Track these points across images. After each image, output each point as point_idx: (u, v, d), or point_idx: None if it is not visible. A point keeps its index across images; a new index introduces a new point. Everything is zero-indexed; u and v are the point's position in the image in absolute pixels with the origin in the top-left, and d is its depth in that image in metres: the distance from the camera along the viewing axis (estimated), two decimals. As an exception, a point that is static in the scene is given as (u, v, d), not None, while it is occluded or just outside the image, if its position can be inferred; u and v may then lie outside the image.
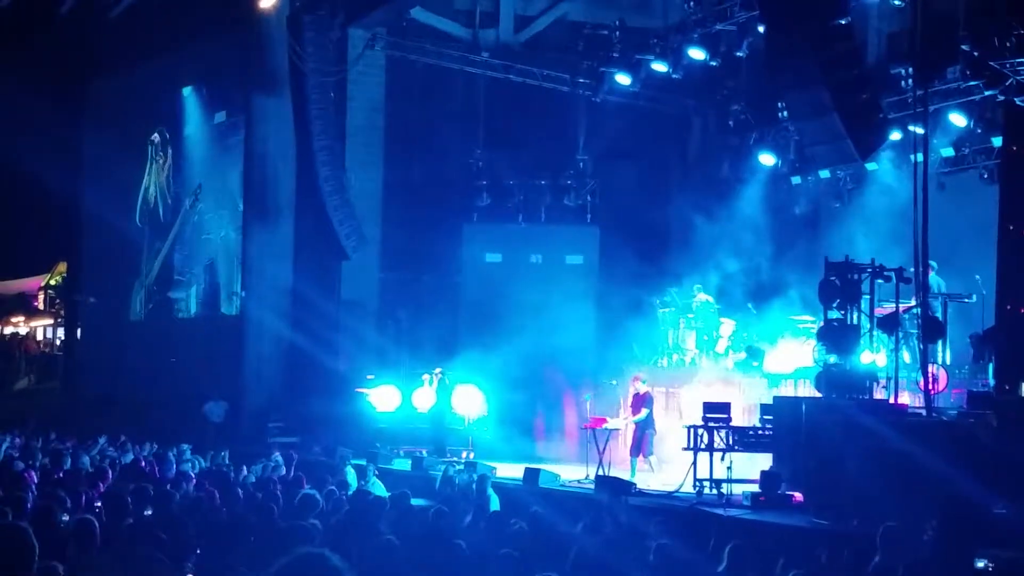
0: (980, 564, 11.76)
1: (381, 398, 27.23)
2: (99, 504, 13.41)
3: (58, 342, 46.96)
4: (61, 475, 17.24)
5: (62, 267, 45.34)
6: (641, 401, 21.77)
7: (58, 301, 47.44)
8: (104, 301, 37.93)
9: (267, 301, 29.80)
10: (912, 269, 17.46)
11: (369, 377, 27.72)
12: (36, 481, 15.73)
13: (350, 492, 16.61)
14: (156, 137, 36.49)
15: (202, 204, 34.90)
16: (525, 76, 30.35)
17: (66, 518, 11.50)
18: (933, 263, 20.08)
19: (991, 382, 17.39)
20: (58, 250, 44.33)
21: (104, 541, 9.36)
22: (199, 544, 10.65)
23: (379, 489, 18.40)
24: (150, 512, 12.14)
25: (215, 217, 34.56)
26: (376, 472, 20.33)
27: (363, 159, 29.86)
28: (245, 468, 20.12)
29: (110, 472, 17.00)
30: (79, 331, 40.75)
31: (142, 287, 37.13)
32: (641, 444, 21.41)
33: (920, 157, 17.27)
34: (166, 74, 35.13)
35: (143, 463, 19.60)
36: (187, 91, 35.48)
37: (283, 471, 20.08)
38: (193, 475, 17.63)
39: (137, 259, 37.20)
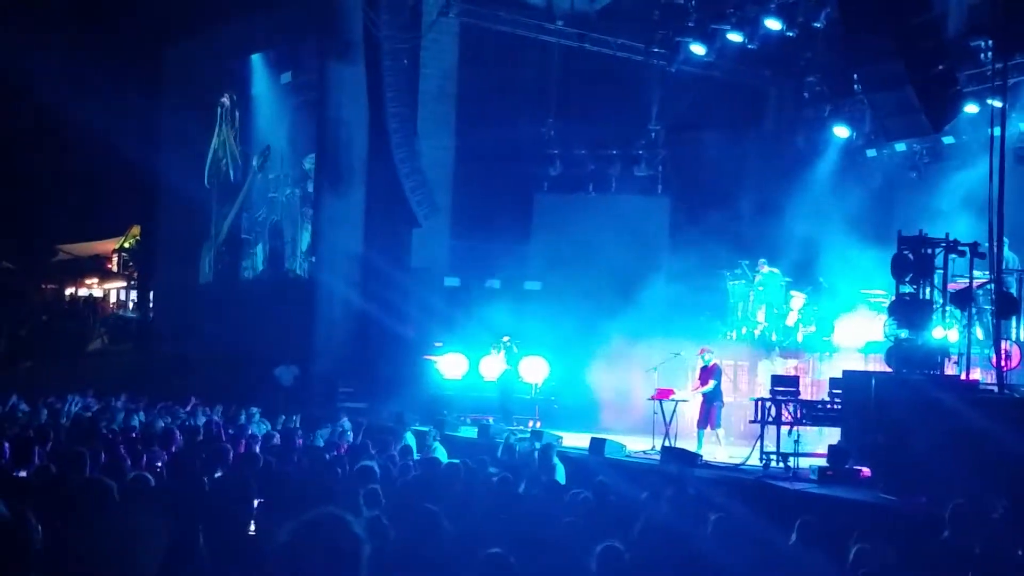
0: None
1: (449, 365, 27.37)
2: (160, 465, 13.63)
3: (131, 304, 47.53)
4: (134, 435, 17.49)
5: (135, 230, 45.83)
6: (709, 373, 21.67)
7: (131, 264, 47.97)
8: (176, 264, 38.32)
9: (338, 267, 29.90)
10: (986, 244, 17.23)
11: (437, 344, 27.86)
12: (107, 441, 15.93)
13: (413, 458, 16.68)
14: (226, 100, 36.72)
15: (268, 163, 35.11)
16: (599, 45, 30.17)
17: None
18: (1005, 238, 19.82)
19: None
20: (132, 214, 44.82)
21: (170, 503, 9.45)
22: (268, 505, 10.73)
23: (442, 455, 18.50)
24: (219, 475, 12.28)
25: (280, 177, 34.71)
26: (438, 438, 20.40)
27: (435, 127, 29.87)
28: (313, 433, 20.30)
29: (178, 434, 17.19)
30: (151, 293, 41.25)
31: (211, 249, 37.47)
32: (709, 416, 21.33)
33: (998, 131, 17.02)
34: (239, 40, 35.30)
35: (213, 426, 19.83)
36: (256, 57, 35.72)
37: (351, 436, 20.24)
38: (260, 437, 17.82)
39: (207, 222, 37.54)
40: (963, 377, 17.27)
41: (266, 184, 35.31)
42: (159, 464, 13.73)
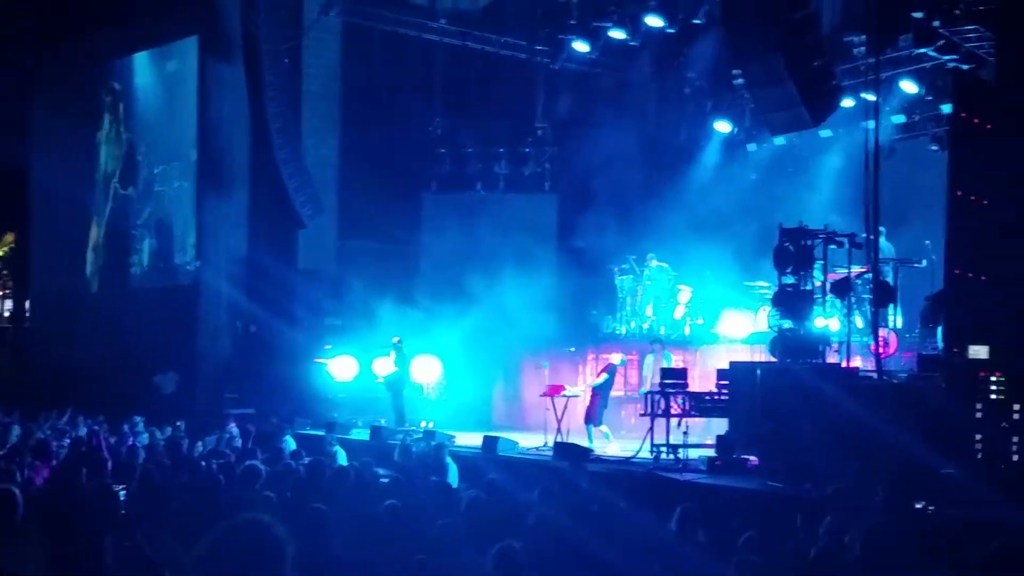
0: (919, 505, 11.98)
1: (339, 368, 27.24)
2: (45, 478, 13.41)
3: (6, 313, 46.36)
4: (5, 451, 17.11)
5: (9, 238, 44.75)
6: (606, 370, 21.92)
7: (4, 272, 46.77)
8: (56, 269, 37.52)
9: (222, 270, 29.56)
10: (864, 235, 17.62)
11: (327, 347, 27.73)
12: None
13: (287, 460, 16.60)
14: (109, 97, 36.09)
15: (154, 156, 34.51)
16: (483, 43, 30.19)
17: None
18: (882, 228, 20.26)
19: (940, 345, 17.60)
20: (3, 221, 43.72)
21: (53, 514, 9.33)
22: (147, 516, 10.63)
23: (343, 459, 18.46)
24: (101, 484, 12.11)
25: (167, 169, 34.17)
26: (335, 442, 20.33)
27: (319, 127, 29.77)
28: (200, 440, 20.09)
29: (55, 444, 16.89)
30: (27, 302, 40.33)
31: (94, 250, 36.76)
32: (592, 412, 21.51)
33: (872, 124, 17.39)
34: (120, 41, 34.71)
35: (95, 437, 19.49)
36: (140, 55, 35.19)
37: (238, 443, 20.07)
38: (142, 447, 17.57)
39: (89, 224, 36.86)
40: (844, 365, 17.64)
41: (152, 178, 34.65)
42: (38, 478, 13.49)
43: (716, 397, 19.33)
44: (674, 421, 19.03)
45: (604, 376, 21.74)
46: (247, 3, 27.64)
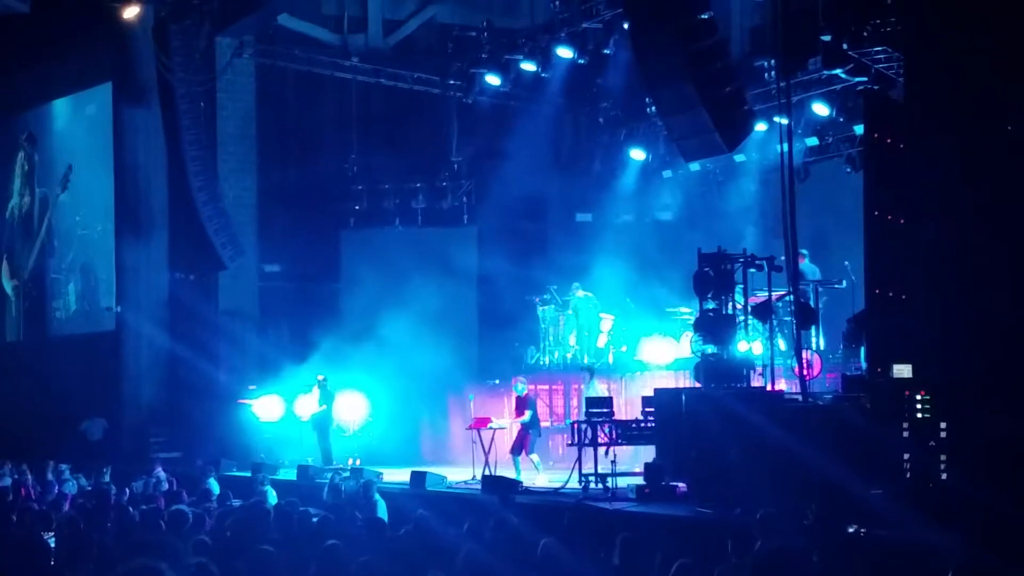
0: (851, 529, 12.06)
1: (265, 408, 27.03)
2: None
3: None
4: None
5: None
6: (524, 403, 21.84)
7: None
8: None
9: (144, 313, 29.50)
10: (783, 257, 17.77)
11: (251, 388, 27.52)
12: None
13: (214, 502, 16.47)
14: (25, 141, 35.71)
15: (76, 199, 34.07)
16: (396, 80, 30.36)
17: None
18: (804, 251, 20.49)
19: (863, 365, 17.76)
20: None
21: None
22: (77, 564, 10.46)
23: (272, 499, 18.29)
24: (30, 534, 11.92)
25: (90, 212, 33.73)
26: (267, 481, 20.18)
27: (237, 168, 29.63)
28: (128, 486, 19.84)
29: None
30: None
31: (15, 295, 36.27)
32: (523, 443, 21.47)
33: (785, 147, 17.60)
34: (35, 86, 34.44)
35: (22, 486, 19.21)
36: (58, 102, 34.87)
37: (166, 487, 19.84)
38: (69, 495, 17.35)
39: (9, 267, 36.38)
40: (769, 388, 17.77)
41: (74, 222, 34.23)
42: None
43: (643, 424, 19.36)
44: (602, 450, 19.04)
45: (528, 413, 21.65)
46: (160, 47, 27.56)
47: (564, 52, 25.84)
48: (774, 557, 8.57)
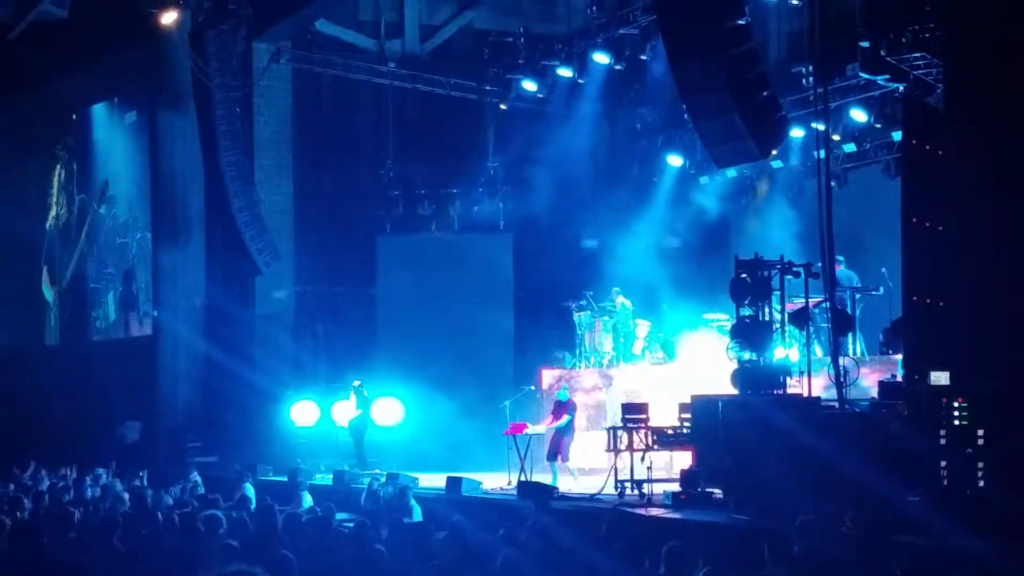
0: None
1: (300, 413, 27.14)
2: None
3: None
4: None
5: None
6: (564, 408, 21.80)
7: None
8: (12, 325, 37.19)
9: (181, 318, 29.66)
10: (819, 264, 17.71)
11: (288, 392, 27.64)
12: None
13: (252, 508, 16.52)
14: (62, 149, 35.95)
15: (115, 208, 34.33)
16: (432, 85, 30.38)
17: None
18: (841, 257, 20.40)
19: (900, 372, 17.68)
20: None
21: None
22: (115, 568, 10.53)
23: (308, 503, 18.41)
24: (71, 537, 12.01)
25: (130, 220, 33.96)
26: (306, 487, 20.30)
27: (274, 173, 29.77)
28: (164, 490, 19.93)
29: (25, 500, 16.70)
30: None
31: (55, 302, 36.53)
32: (559, 449, 21.44)
33: (823, 153, 17.53)
34: (72, 92, 34.66)
35: (58, 491, 19.30)
36: (96, 107, 35.09)
37: (202, 491, 19.93)
38: (108, 498, 17.42)
39: (41, 276, 36.57)
40: (805, 395, 17.69)
41: (115, 230, 34.47)
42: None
43: (679, 431, 19.31)
44: (638, 455, 19.00)
45: (566, 417, 21.62)
46: (197, 53, 27.70)
47: (601, 58, 25.83)
48: (812, 563, 8.57)
